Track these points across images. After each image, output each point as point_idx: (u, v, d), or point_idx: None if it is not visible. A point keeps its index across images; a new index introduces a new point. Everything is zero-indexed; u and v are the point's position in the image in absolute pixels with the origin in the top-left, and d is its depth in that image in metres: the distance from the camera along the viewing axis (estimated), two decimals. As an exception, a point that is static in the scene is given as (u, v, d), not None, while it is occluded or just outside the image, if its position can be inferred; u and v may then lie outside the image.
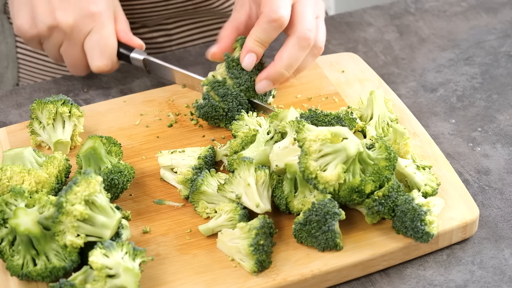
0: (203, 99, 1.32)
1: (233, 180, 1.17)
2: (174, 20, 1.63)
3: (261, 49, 1.30)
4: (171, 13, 1.60)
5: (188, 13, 1.61)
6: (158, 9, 1.58)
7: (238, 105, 1.31)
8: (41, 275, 1.09)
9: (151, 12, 1.59)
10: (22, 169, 1.18)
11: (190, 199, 1.20)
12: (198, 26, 1.65)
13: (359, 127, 1.27)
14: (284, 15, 1.27)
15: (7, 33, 1.63)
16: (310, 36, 1.28)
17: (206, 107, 1.31)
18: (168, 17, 1.61)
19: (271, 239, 1.14)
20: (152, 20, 1.61)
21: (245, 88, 1.31)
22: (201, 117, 1.32)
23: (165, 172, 1.25)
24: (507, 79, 1.47)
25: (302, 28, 1.28)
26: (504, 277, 1.14)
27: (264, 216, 1.14)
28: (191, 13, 1.61)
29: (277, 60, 1.29)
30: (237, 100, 1.31)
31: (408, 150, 1.21)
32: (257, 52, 1.29)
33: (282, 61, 1.28)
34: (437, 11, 1.65)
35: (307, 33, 1.28)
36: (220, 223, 1.16)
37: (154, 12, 1.59)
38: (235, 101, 1.31)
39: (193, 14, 1.62)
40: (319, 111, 1.26)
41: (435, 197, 1.17)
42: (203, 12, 1.62)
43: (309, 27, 1.28)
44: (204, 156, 1.23)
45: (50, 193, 1.19)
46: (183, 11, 1.60)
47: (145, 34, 1.63)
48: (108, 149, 1.24)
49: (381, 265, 1.15)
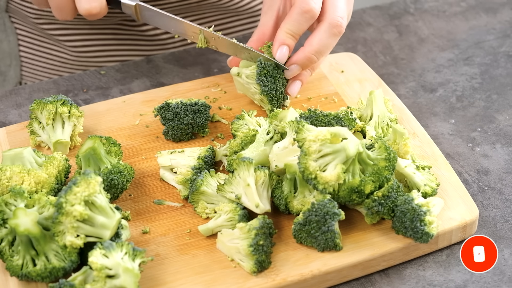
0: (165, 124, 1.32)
1: (232, 181, 1.17)
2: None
3: (292, 41, 1.30)
4: (174, 8, 1.59)
5: (191, 8, 1.60)
6: (161, 5, 1.58)
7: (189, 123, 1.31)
8: (40, 275, 1.09)
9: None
10: (22, 169, 1.18)
11: (189, 199, 1.20)
12: (201, 22, 1.64)
13: (358, 127, 1.27)
14: (315, 7, 1.27)
15: (9, 32, 1.63)
16: (342, 23, 1.29)
17: (172, 130, 1.31)
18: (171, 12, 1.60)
19: (270, 240, 1.14)
20: None
21: (269, 97, 1.31)
22: (171, 139, 1.32)
23: (164, 172, 1.25)
24: (506, 79, 1.47)
25: (334, 15, 1.28)
26: (503, 277, 1.14)
27: (264, 217, 1.14)
28: (195, 8, 1.61)
29: (307, 45, 1.29)
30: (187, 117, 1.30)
31: (407, 150, 1.21)
32: (289, 44, 1.30)
33: (312, 47, 1.29)
34: (437, 11, 1.65)
35: (339, 20, 1.28)
36: (219, 224, 1.16)
37: (157, 7, 1.57)
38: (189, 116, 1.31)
39: (196, 9, 1.61)
40: (318, 111, 1.26)
41: (435, 197, 1.17)
42: (206, 7, 1.61)
43: (341, 14, 1.29)
44: (204, 156, 1.23)
45: (49, 193, 1.19)
46: (186, 6, 1.59)
47: (148, 31, 1.62)
48: (108, 149, 1.24)
49: (381, 265, 1.15)
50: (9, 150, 1.21)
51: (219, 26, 1.65)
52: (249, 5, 1.64)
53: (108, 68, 1.52)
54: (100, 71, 1.51)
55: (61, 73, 1.64)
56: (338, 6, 1.30)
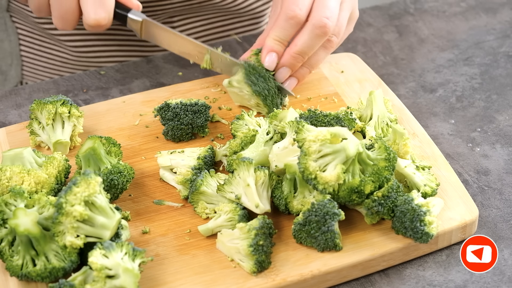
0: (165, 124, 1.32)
1: (232, 181, 1.17)
2: (179, 18, 1.62)
3: (280, 47, 1.30)
4: (176, 9, 1.59)
5: (193, 9, 1.60)
6: (163, 6, 1.57)
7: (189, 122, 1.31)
8: (40, 275, 1.09)
9: (156, 8, 1.58)
10: (22, 169, 1.18)
11: (189, 199, 1.20)
12: (203, 24, 1.64)
13: (358, 128, 1.27)
14: (300, 13, 1.27)
15: (10, 31, 1.63)
16: (326, 23, 1.27)
17: (172, 131, 1.31)
18: (172, 14, 1.60)
19: (270, 240, 1.14)
20: (157, 17, 1.60)
21: (262, 97, 1.31)
22: (171, 139, 1.32)
23: (164, 172, 1.25)
24: (506, 80, 1.47)
25: (318, 16, 1.27)
26: (503, 278, 1.14)
27: (264, 217, 1.14)
28: (196, 9, 1.61)
29: (292, 46, 1.29)
30: (187, 117, 1.30)
31: (407, 151, 1.21)
32: (277, 50, 1.30)
33: (295, 47, 1.29)
34: (437, 12, 1.65)
35: (322, 21, 1.26)
36: (219, 224, 1.16)
37: (159, 8, 1.58)
38: (188, 116, 1.30)
39: (198, 10, 1.61)
40: (318, 112, 1.26)
41: (435, 198, 1.17)
42: (208, 8, 1.61)
43: (327, 14, 1.27)
44: (204, 157, 1.23)
45: (49, 193, 1.19)
46: (188, 7, 1.59)
47: None
48: (108, 149, 1.24)
49: (381, 265, 1.15)
50: (9, 150, 1.21)
51: (220, 28, 1.66)
52: (251, 7, 1.64)
53: (108, 68, 1.52)
54: (100, 71, 1.51)
55: (62, 73, 1.64)
56: (326, 6, 1.28)
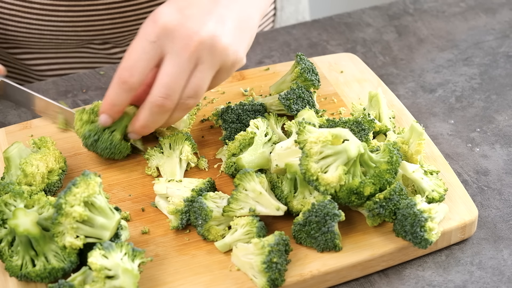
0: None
1: (239, 196, 1.15)
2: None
3: (115, 111, 1.22)
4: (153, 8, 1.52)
5: None
6: (129, 26, 1.52)
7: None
8: (40, 275, 1.09)
9: (122, 29, 1.53)
10: (40, 154, 1.21)
11: (200, 231, 1.15)
12: None
13: (377, 127, 1.26)
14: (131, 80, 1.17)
15: None
16: (163, 103, 1.18)
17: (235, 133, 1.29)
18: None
19: (286, 257, 1.11)
20: (124, 39, 1.55)
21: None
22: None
23: (159, 200, 1.21)
24: (506, 80, 1.48)
25: (154, 93, 1.18)
26: (503, 278, 1.14)
27: (281, 233, 1.11)
28: None
29: (135, 118, 1.23)
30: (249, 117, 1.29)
31: (419, 151, 1.20)
32: (110, 114, 1.23)
33: (138, 122, 1.22)
34: (436, 12, 1.65)
35: (158, 101, 1.18)
36: (237, 238, 1.13)
37: (124, 29, 1.52)
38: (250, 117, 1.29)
39: None
40: (337, 120, 1.24)
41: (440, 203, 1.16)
42: None
43: (164, 93, 1.17)
44: (199, 189, 1.18)
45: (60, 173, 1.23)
46: None
47: (117, 54, 1.58)
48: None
49: (380, 265, 1.15)
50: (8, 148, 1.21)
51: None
52: None
53: (107, 69, 1.52)
54: (99, 71, 1.51)
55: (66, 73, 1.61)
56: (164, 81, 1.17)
